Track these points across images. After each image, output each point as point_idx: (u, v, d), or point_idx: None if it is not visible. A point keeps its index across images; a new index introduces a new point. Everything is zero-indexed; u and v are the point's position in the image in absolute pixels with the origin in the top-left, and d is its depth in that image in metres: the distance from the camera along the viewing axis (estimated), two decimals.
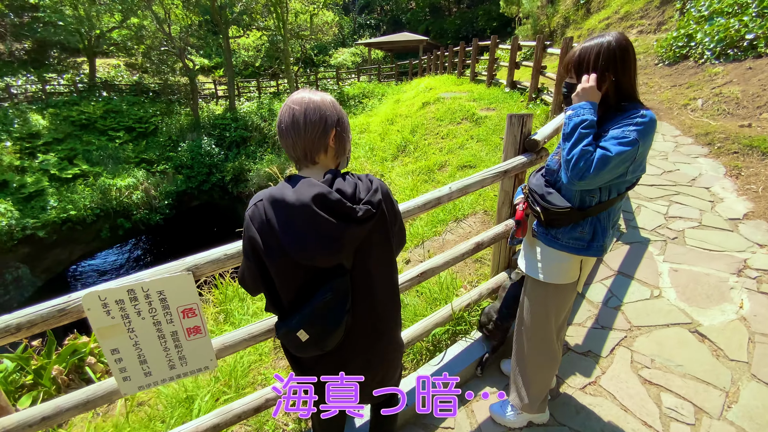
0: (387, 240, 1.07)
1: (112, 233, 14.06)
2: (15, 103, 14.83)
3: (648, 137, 1.19)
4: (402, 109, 9.97)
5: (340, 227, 0.92)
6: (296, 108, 0.99)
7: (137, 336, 1.37)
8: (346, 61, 23.08)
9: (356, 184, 1.00)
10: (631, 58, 1.24)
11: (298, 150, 1.01)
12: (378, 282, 1.08)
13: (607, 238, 1.37)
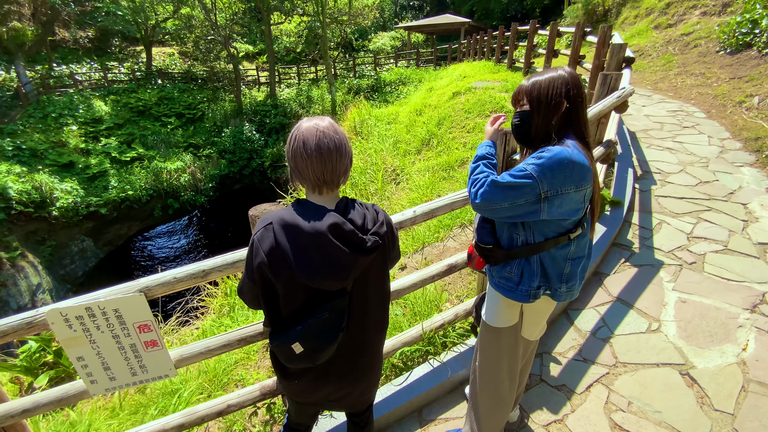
0: (384, 264, 1.17)
1: (164, 212, 15.31)
2: (79, 90, 16.33)
3: (553, 175, 1.09)
4: (432, 99, 9.70)
5: (351, 256, 0.99)
6: (334, 136, 1.03)
7: (99, 347, 1.51)
8: (385, 46, 22.66)
9: (365, 214, 1.07)
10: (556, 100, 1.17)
11: (322, 176, 1.03)
12: (372, 302, 1.16)
13: (536, 285, 1.27)
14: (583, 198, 1.15)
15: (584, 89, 1.19)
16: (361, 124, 9.20)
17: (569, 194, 1.11)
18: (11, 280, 11.03)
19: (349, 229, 0.99)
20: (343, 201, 1.08)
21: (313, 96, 18.06)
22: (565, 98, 1.14)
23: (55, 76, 17.27)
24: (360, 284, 1.12)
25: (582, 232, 1.23)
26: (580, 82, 1.17)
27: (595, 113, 2.48)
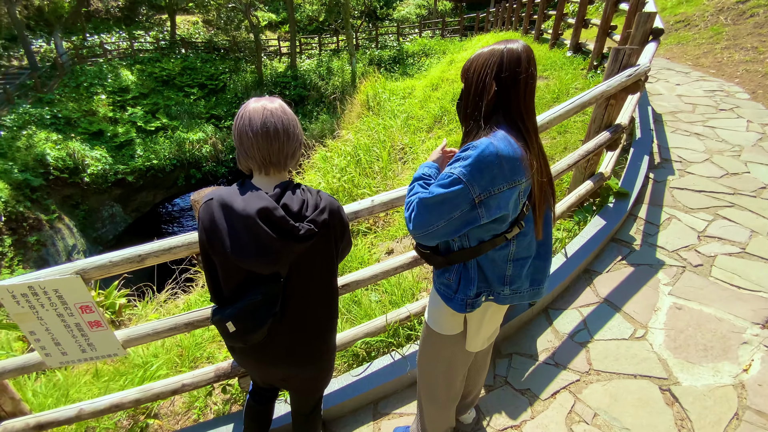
0: (329, 253, 1.13)
1: (187, 182, 15.81)
2: (108, 59, 16.71)
3: (482, 175, 0.95)
4: (451, 73, 9.20)
5: (280, 242, 0.98)
6: (282, 116, 1.02)
7: (47, 323, 1.54)
8: (410, 15, 21.55)
9: (304, 200, 1.05)
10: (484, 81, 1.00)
11: (268, 156, 1.03)
12: (313, 291, 1.15)
13: (473, 293, 1.14)
14: (517, 195, 1.01)
15: (530, 68, 0.98)
16: (374, 98, 8.90)
17: (503, 192, 0.98)
18: (50, 241, 11.85)
19: (279, 215, 0.98)
20: (282, 185, 1.05)
21: (333, 67, 17.66)
22: (494, 79, 0.98)
23: (87, 46, 17.74)
24: (298, 272, 1.10)
25: (522, 231, 1.09)
26: (522, 61, 0.97)
27: (596, 94, 2.21)
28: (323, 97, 17.03)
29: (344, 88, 16.16)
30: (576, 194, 2.68)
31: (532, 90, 1.00)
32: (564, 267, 2.44)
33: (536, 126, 1.05)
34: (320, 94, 17.26)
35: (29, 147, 12.02)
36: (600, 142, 2.51)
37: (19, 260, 10.18)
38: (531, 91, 1.00)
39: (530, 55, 0.99)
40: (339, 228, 1.14)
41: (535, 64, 1.01)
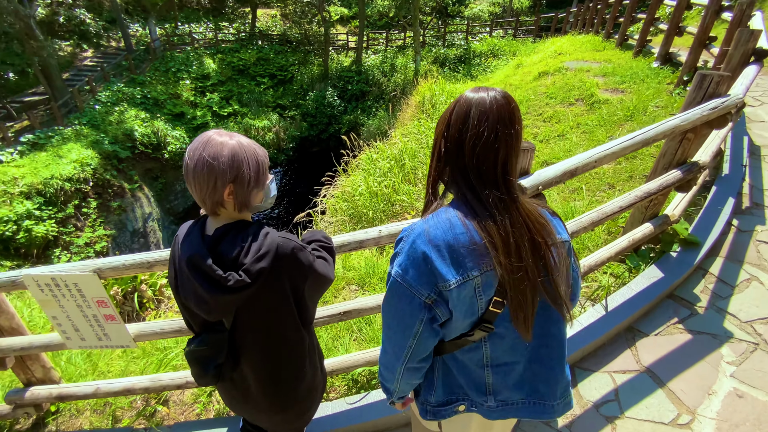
0: (281, 301, 1.02)
1: None
2: (195, 48, 18.29)
3: (419, 274, 0.79)
4: (516, 78, 8.66)
5: (210, 293, 0.90)
6: (189, 156, 0.92)
7: (68, 311, 1.67)
8: (482, 12, 20.65)
9: (244, 247, 0.94)
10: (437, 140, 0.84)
11: (199, 201, 0.97)
12: (266, 342, 1.07)
13: (434, 399, 0.96)
14: (472, 290, 0.79)
15: (482, 125, 0.77)
16: (429, 100, 8.68)
17: (451, 290, 0.78)
18: (130, 207, 13.37)
19: (206, 266, 0.90)
20: (224, 227, 0.97)
21: (397, 64, 17.61)
22: (443, 138, 0.82)
23: (178, 35, 19.60)
24: (245, 322, 1.02)
25: (496, 333, 0.86)
26: (470, 116, 0.77)
27: (664, 129, 1.87)
28: (384, 94, 17.09)
29: (405, 86, 16.04)
30: (629, 238, 2.32)
31: (486, 151, 0.77)
32: (602, 321, 2.14)
33: (513, 194, 0.80)
34: (381, 91, 17.33)
35: (120, 122, 13.61)
36: (666, 184, 2.14)
37: (101, 222, 11.62)
38: (485, 153, 0.77)
39: (486, 108, 0.77)
40: (295, 271, 1.01)
41: (500, 118, 0.77)
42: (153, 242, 14.24)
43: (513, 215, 0.78)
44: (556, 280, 0.82)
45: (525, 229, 0.78)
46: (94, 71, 16.38)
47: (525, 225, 0.78)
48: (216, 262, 0.92)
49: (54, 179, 10.62)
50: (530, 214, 0.80)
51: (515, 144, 0.79)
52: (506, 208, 0.78)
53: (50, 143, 11.71)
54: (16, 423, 2.12)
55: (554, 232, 0.83)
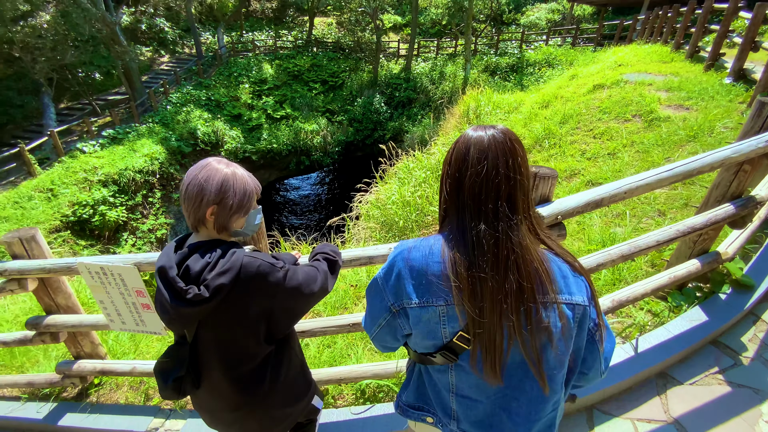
0: (246, 318, 1.04)
1: (297, 166, 17.68)
2: (256, 54, 19.53)
3: (388, 280, 0.86)
4: (568, 90, 8.25)
5: (171, 303, 0.95)
6: (186, 175, 1.04)
7: (112, 297, 1.89)
8: (539, 20, 19.88)
9: (209, 263, 0.99)
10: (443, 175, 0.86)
11: (186, 215, 1.07)
12: (227, 358, 1.08)
13: (405, 400, 0.99)
14: (436, 317, 0.80)
15: (481, 164, 0.77)
16: (475, 110, 8.54)
17: (413, 308, 0.82)
18: None
19: (171, 276, 0.96)
20: (194, 244, 1.04)
21: (446, 72, 17.52)
22: (445, 177, 0.85)
23: (242, 42, 21.08)
24: (206, 337, 1.06)
25: (459, 365, 0.84)
26: (469, 156, 0.78)
27: (713, 161, 1.70)
28: (430, 101, 17.08)
29: (452, 94, 15.91)
30: (671, 275, 2.13)
31: (487, 189, 0.76)
32: (630, 362, 1.98)
33: (515, 231, 0.76)
34: (428, 98, 17.34)
35: (186, 121, 14.88)
36: (715, 219, 1.94)
37: (163, 211, 12.75)
38: (486, 191, 0.76)
39: (485, 146, 0.77)
40: (260, 290, 1.02)
41: (500, 155, 0.76)
42: None
43: (501, 255, 0.74)
44: (536, 341, 0.77)
45: (513, 274, 0.74)
46: (168, 75, 18.11)
47: (515, 269, 0.75)
48: (183, 274, 0.98)
49: (127, 170, 11.87)
50: (527, 260, 0.75)
51: (520, 179, 0.78)
52: (496, 246, 0.75)
53: (127, 138, 13.10)
54: (63, 391, 2.41)
55: (554, 288, 0.77)
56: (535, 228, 0.82)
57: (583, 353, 0.86)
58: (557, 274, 0.79)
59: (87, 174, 11.20)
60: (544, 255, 0.80)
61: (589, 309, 0.81)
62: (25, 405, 2.36)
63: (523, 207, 0.79)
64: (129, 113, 14.59)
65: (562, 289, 0.79)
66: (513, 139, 0.79)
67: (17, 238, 1.97)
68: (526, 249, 0.76)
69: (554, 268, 0.79)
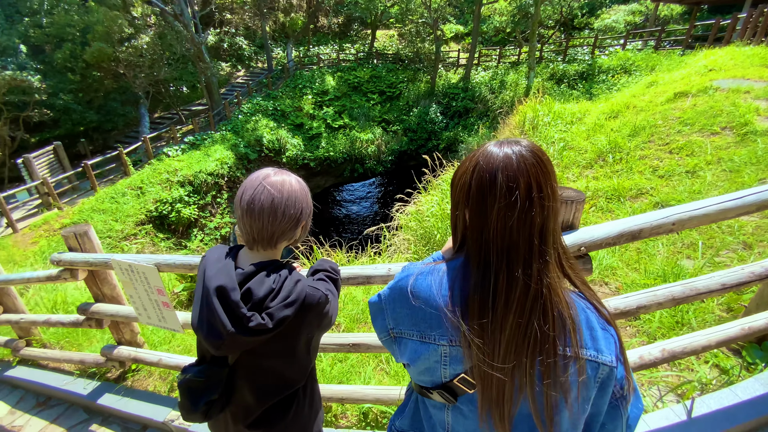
0: (288, 352, 1.00)
1: (351, 174, 18.21)
2: (320, 67, 20.61)
3: (394, 305, 0.77)
4: (643, 99, 7.40)
5: (230, 330, 0.87)
6: (275, 194, 0.94)
7: (138, 293, 2.05)
8: (617, 23, 18.20)
9: (273, 288, 0.92)
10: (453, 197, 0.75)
11: (257, 235, 0.96)
12: (261, 388, 1.02)
13: (399, 427, 0.90)
14: (438, 356, 0.71)
15: (512, 194, 0.64)
16: (532, 121, 8.03)
17: (412, 340, 0.74)
18: None
19: (234, 300, 0.87)
20: (260, 264, 0.95)
21: (506, 81, 16.84)
22: (464, 205, 0.72)
23: (308, 56, 22.43)
24: (249, 363, 0.99)
25: (457, 407, 0.75)
26: (497, 183, 0.65)
27: None
28: (489, 111, 16.52)
29: (513, 103, 15.22)
30: (744, 326, 1.73)
31: (520, 224, 0.64)
32: (680, 428, 1.63)
33: (545, 272, 0.65)
34: (486, 108, 16.79)
35: (254, 129, 16.12)
36: None
37: (228, 211, 13.88)
38: (519, 227, 0.65)
39: (515, 170, 0.64)
40: (315, 321, 1.00)
41: (533, 180, 0.64)
42: None
43: (528, 298, 0.64)
44: (550, 399, 0.65)
45: (538, 319, 0.64)
46: (242, 87, 19.88)
47: (541, 313, 0.64)
48: (243, 298, 0.90)
49: (201, 173, 13.16)
50: (554, 303, 0.65)
51: (554, 206, 0.66)
52: (524, 289, 0.64)
53: (203, 144, 14.56)
54: (108, 372, 2.66)
55: (578, 341, 0.65)
56: (562, 261, 0.70)
57: (603, 418, 0.72)
58: (583, 324, 0.67)
59: (169, 175, 12.64)
60: (570, 298, 0.68)
61: (616, 370, 0.68)
62: (75, 380, 2.65)
63: (555, 238, 0.68)
64: (207, 122, 16.24)
65: (587, 343, 0.67)
66: (544, 159, 0.67)
67: (73, 233, 2.23)
68: (553, 290, 0.65)
69: (581, 315, 0.68)
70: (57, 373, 2.73)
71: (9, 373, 2.77)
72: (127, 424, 2.35)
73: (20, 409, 2.51)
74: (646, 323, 2.31)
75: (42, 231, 9.99)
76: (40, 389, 2.63)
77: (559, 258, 0.69)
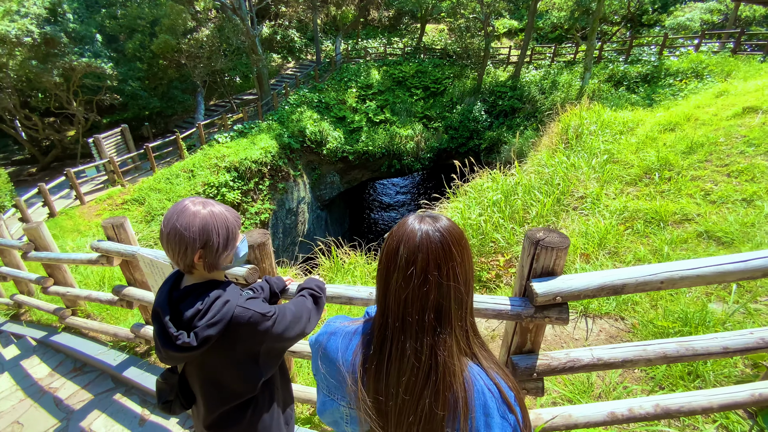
0: (228, 364, 1.09)
1: (388, 169, 18.29)
2: (366, 61, 20.72)
3: (315, 357, 0.83)
4: (708, 111, 6.71)
5: (161, 345, 1.01)
6: (164, 224, 1.03)
7: (158, 284, 2.26)
8: (692, 21, 16.39)
9: (201, 310, 1.01)
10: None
11: (176, 262, 1.06)
12: (211, 395, 1.14)
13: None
14: (342, 415, 0.77)
15: (410, 266, 0.67)
16: (576, 129, 7.57)
17: (323, 393, 0.81)
18: (290, 190, 16.33)
19: (164, 320, 1.00)
20: (191, 287, 1.06)
21: (559, 81, 15.91)
22: (381, 267, 0.74)
23: (356, 49, 22.64)
24: (193, 373, 1.15)
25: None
26: (398, 255, 0.69)
27: None
28: (537, 112, 15.75)
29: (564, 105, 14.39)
30: (755, 391, 1.58)
31: (413, 298, 0.67)
32: None
33: (438, 349, 0.67)
34: (535, 108, 16.02)
35: (298, 120, 16.66)
36: None
37: (269, 197, 14.56)
38: (412, 300, 0.67)
39: (415, 246, 0.67)
40: (249, 339, 1.07)
41: (432, 260, 0.66)
42: (301, 221, 17.06)
43: (420, 374, 0.67)
44: None
45: (428, 398, 0.66)
46: (291, 79, 20.55)
47: (432, 393, 0.66)
48: (174, 317, 1.02)
49: (246, 160, 13.89)
50: (446, 384, 0.66)
51: (455, 286, 0.68)
52: (416, 362, 0.67)
53: (250, 132, 15.33)
54: (137, 346, 2.98)
55: (468, 428, 0.65)
56: (468, 340, 0.71)
57: None
58: (479, 410, 0.66)
59: (217, 161, 13.48)
60: (470, 377, 0.68)
61: None
62: (108, 351, 3.00)
63: (457, 317, 0.69)
64: (256, 111, 17.04)
65: (479, 429, 0.66)
66: (452, 240, 0.69)
67: (111, 224, 2.51)
68: (448, 369, 0.66)
69: (477, 400, 0.67)
70: (94, 342, 3.11)
71: (54, 338, 3.19)
72: (146, 396, 2.63)
73: (59, 372, 2.89)
74: (654, 369, 2.17)
75: (105, 205, 11.14)
76: (77, 356, 3.01)
77: (465, 336, 0.69)
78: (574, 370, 1.45)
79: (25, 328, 3.54)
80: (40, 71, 12.12)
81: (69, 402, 2.60)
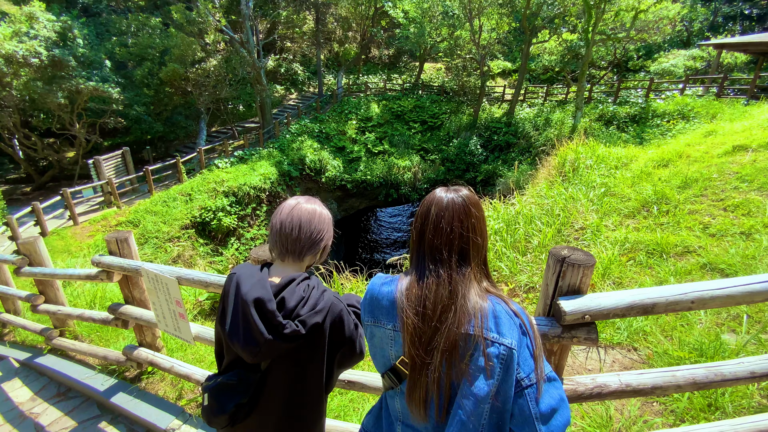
0: (316, 360, 1.06)
1: (385, 198, 18.44)
2: (366, 95, 21.48)
3: (364, 303, 1.03)
4: (698, 149, 6.97)
5: (267, 337, 0.96)
6: (306, 215, 1.09)
7: (160, 301, 2.19)
8: (675, 67, 17.43)
9: (303, 297, 1.02)
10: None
11: (290, 246, 1.08)
12: (287, 394, 1.08)
13: (366, 422, 1.10)
14: (388, 339, 0.95)
15: (440, 221, 0.92)
16: (573, 163, 7.77)
17: (368, 327, 1.01)
18: None
19: (270, 308, 0.97)
20: (289, 277, 1.05)
21: (552, 119, 16.55)
22: (413, 229, 1.00)
23: (357, 84, 23.53)
24: (277, 368, 1.06)
25: (399, 391, 0.95)
26: (429, 214, 0.94)
27: None
28: (531, 147, 16.23)
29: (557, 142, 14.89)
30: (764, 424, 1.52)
31: (442, 242, 0.91)
32: None
33: (460, 278, 0.89)
34: (529, 144, 16.53)
35: (299, 149, 16.94)
36: None
37: (266, 223, 14.47)
38: (441, 242, 0.91)
39: (443, 207, 0.92)
40: (336, 336, 1.05)
41: (455, 216, 0.91)
42: None
43: (444, 297, 0.87)
44: (451, 375, 0.84)
45: (452, 316, 0.85)
46: (293, 109, 21.13)
47: (453, 312, 0.85)
48: (277, 307, 0.99)
49: (245, 185, 13.94)
50: (466, 307, 0.85)
51: (473, 237, 0.91)
52: (447, 286, 0.88)
53: (250, 159, 15.50)
54: (126, 370, 2.82)
55: (481, 324, 0.83)
56: (484, 276, 0.93)
57: (511, 407, 0.82)
58: (490, 313, 0.85)
59: (216, 185, 13.51)
60: (484, 297, 0.89)
61: (517, 353, 0.82)
62: (96, 375, 2.82)
63: (475, 260, 0.92)
64: (257, 138, 17.33)
65: (490, 327, 0.83)
66: (471, 204, 0.93)
67: (115, 239, 2.45)
68: (468, 291, 0.88)
69: (489, 310, 0.86)
70: (81, 365, 2.93)
71: (38, 360, 3.01)
72: (133, 426, 2.45)
73: (41, 397, 2.70)
74: (675, 401, 2.09)
75: (99, 226, 10.97)
76: (62, 380, 2.83)
77: (481, 273, 0.92)
78: (601, 396, 1.39)
79: (8, 349, 3.34)
80: (44, 92, 12.30)
81: (50, 429, 2.41)
